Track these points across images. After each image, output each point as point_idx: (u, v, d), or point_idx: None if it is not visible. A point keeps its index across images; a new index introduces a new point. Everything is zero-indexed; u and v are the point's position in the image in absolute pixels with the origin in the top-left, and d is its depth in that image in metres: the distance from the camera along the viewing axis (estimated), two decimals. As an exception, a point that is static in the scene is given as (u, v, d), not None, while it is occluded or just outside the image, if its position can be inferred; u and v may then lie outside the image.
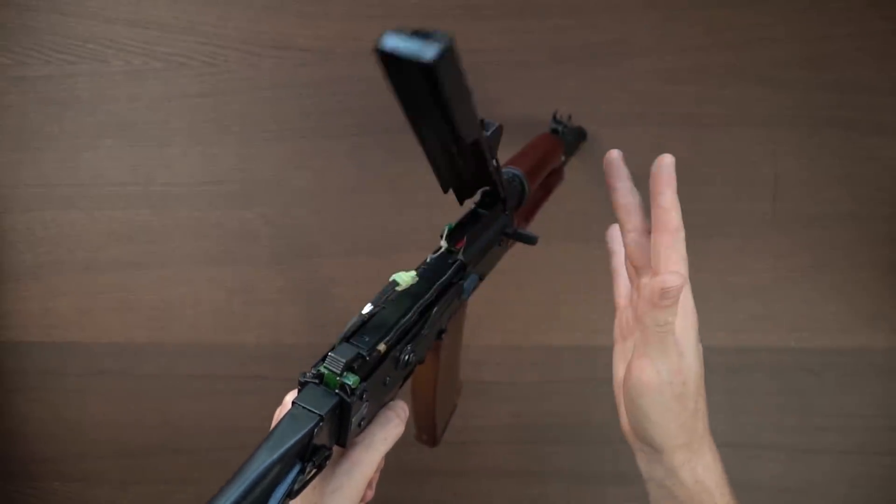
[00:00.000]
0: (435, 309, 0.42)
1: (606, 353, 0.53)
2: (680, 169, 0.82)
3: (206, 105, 0.80)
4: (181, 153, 0.81)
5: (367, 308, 0.40)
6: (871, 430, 0.81)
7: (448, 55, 0.32)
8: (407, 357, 0.40)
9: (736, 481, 0.45)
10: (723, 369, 0.81)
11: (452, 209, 0.79)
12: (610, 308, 0.55)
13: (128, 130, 0.81)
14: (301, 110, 0.80)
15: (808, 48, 0.76)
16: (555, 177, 0.67)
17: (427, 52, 0.31)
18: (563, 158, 0.69)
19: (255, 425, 0.87)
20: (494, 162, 0.43)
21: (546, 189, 0.65)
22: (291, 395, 0.43)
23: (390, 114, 0.80)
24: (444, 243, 0.47)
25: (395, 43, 0.32)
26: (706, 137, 0.78)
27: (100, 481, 0.87)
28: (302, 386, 0.37)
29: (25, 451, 0.87)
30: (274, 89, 0.80)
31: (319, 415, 0.34)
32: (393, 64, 0.33)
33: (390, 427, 0.41)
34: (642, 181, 0.80)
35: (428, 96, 0.36)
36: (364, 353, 0.37)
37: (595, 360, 0.80)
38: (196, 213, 0.82)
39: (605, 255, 0.53)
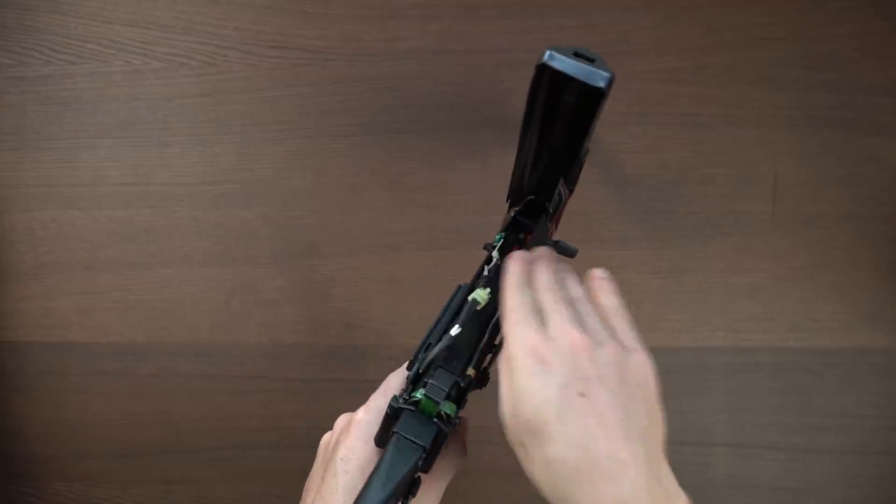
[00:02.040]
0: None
1: (606, 353, 0.53)
2: (680, 169, 0.82)
3: (206, 105, 0.80)
4: (181, 153, 0.81)
5: (455, 330, 0.38)
6: (871, 430, 0.81)
7: (612, 83, 0.32)
8: (487, 380, 0.40)
9: (736, 481, 0.45)
10: (723, 369, 0.81)
11: (452, 210, 0.80)
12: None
13: (128, 130, 0.81)
14: (301, 110, 0.80)
15: (808, 48, 0.76)
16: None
17: (599, 79, 0.32)
18: None
19: (255, 425, 0.87)
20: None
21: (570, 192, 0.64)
22: (376, 400, 0.41)
23: (390, 114, 0.80)
24: (496, 255, 0.45)
25: (563, 63, 0.33)
26: (706, 137, 0.78)
27: (100, 481, 0.87)
28: (395, 412, 0.36)
29: (26, 451, 0.87)
30: (274, 89, 0.80)
31: (423, 447, 0.34)
32: (555, 82, 0.33)
33: (459, 455, 0.40)
34: (641, 181, 0.80)
35: (573, 115, 0.36)
36: (461, 381, 0.36)
37: (595, 360, 0.80)
38: (196, 213, 0.82)
39: (606, 256, 0.53)
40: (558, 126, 0.38)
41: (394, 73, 0.79)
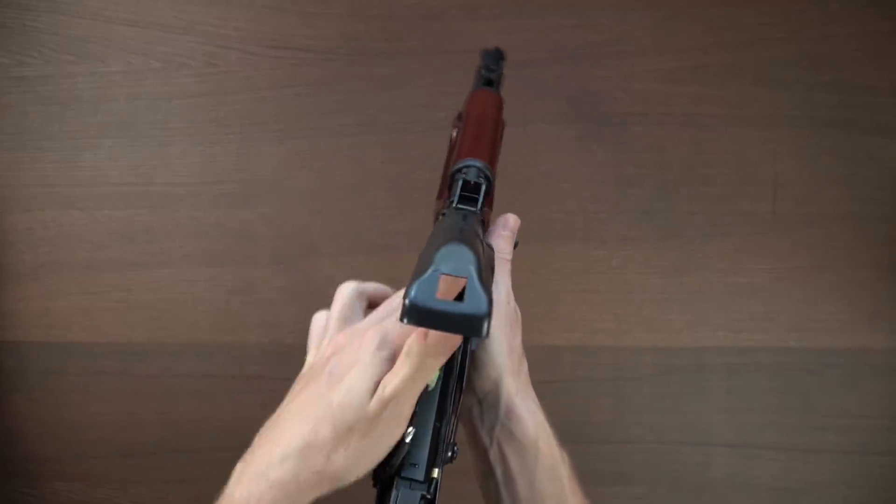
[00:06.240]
0: (464, 383, 0.39)
1: (606, 352, 0.53)
2: (680, 169, 0.82)
3: (206, 105, 0.80)
4: (181, 153, 0.81)
5: (410, 433, 0.35)
6: (871, 430, 0.81)
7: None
8: (451, 454, 0.37)
9: (736, 481, 0.45)
10: (723, 369, 0.81)
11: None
12: (609, 308, 0.55)
13: (128, 130, 0.81)
14: (301, 110, 0.80)
15: (808, 48, 0.76)
16: (501, 133, 0.54)
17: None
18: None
19: (255, 425, 0.87)
20: None
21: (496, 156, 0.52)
22: None
23: (390, 114, 0.80)
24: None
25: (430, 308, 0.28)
26: (706, 137, 0.78)
27: (100, 481, 0.87)
28: None
29: (25, 451, 0.87)
30: (274, 89, 0.80)
31: None
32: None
33: None
34: (641, 180, 0.80)
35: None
36: (427, 494, 0.34)
37: (595, 360, 0.80)
38: (196, 213, 0.82)
39: (606, 256, 0.53)
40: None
41: (394, 73, 0.79)
